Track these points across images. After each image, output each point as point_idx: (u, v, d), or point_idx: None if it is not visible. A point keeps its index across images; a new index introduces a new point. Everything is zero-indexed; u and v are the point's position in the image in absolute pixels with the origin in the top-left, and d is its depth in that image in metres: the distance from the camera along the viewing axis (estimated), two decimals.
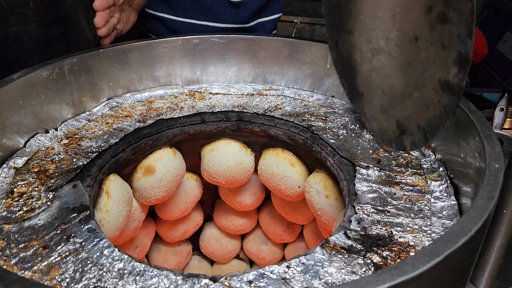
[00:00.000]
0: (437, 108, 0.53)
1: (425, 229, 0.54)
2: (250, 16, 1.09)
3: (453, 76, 0.50)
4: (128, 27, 0.94)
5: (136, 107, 0.83)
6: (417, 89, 0.54)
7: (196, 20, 1.08)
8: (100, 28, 0.82)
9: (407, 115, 0.56)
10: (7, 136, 0.66)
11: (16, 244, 0.51)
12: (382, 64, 0.56)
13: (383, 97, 0.58)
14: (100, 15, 0.80)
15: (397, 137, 0.59)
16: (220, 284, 0.46)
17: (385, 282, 0.33)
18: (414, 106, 0.56)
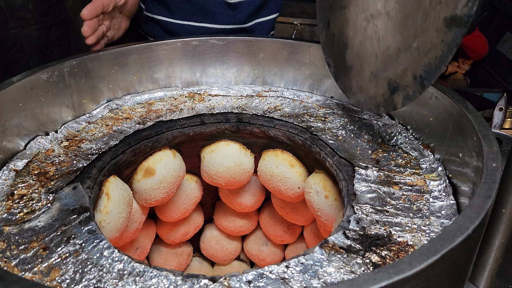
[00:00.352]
0: (440, 48, 0.54)
1: (424, 229, 0.55)
2: (248, 16, 1.09)
3: (462, 7, 0.50)
4: (120, 33, 0.95)
5: (135, 109, 0.83)
6: (416, 38, 0.55)
7: (194, 22, 1.09)
8: (88, 37, 0.82)
9: (401, 71, 0.57)
10: (8, 139, 0.66)
11: (17, 246, 0.51)
12: (378, 29, 0.57)
13: (375, 62, 0.59)
14: (88, 24, 0.81)
15: (387, 98, 0.60)
16: (220, 284, 0.46)
17: (382, 280, 0.33)
18: (411, 57, 0.57)
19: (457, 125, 0.61)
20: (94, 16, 0.81)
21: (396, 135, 0.73)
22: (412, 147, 0.70)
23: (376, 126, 0.77)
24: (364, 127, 0.77)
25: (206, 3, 1.05)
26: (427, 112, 0.69)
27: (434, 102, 0.67)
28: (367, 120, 0.79)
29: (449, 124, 0.63)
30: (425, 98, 0.69)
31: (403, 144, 0.72)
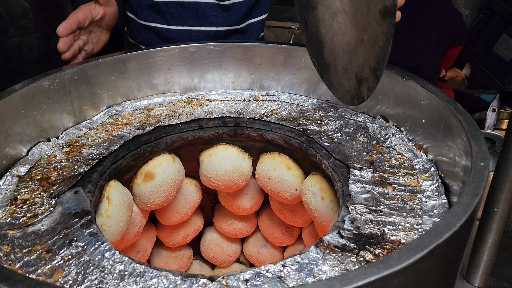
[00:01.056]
0: (381, 39, 0.58)
1: (417, 227, 0.56)
2: (242, 17, 1.11)
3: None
4: (99, 46, 0.96)
5: (135, 114, 0.85)
6: (365, 31, 0.60)
7: (189, 27, 1.10)
8: (63, 53, 0.84)
9: (361, 63, 0.61)
10: (10, 145, 0.68)
11: (20, 249, 0.53)
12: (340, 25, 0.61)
13: (344, 57, 0.63)
14: (63, 41, 0.82)
15: (357, 91, 0.64)
16: (218, 283, 0.47)
17: (372, 275, 0.34)
18: (365, 50, 0.61)
19: (447, 126, 0.62)
20: (69, 32, 0.83)
21: (390, 137, 0.74)
22: (405, 148, 0.72)
23: (370, 128, 0.78)
24: (359, 130, 0.79)
25: (200, 6, 1.07)
26: (419, 114, 0.71)
27: (426, 104, 0.68)
28: (362, 123, 0.80)
29: (440, 125, 0.65)
30: (417, 100, 0.70)
31: (397, 145, 0.73)
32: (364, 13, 0.58)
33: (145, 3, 1.08)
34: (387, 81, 0.77)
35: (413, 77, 0.71)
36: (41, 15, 1.12)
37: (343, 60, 0.62)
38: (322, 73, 0.66)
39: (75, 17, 0.84)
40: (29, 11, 1.09)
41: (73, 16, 0.84)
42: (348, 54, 0.61)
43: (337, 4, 0.59)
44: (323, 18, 0.61)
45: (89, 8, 0.88)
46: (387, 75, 0.76)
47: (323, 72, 0.66)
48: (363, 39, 0.59)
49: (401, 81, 0.73)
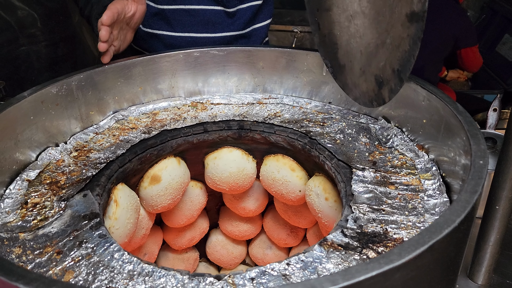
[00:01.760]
0: (407, 42, 0.58)
1: (419, 225, 0.57)
2: (246, 23, 1.13)
3: (416, 3, 0.55)
4: (125, 45, 0.98)
5: (141, 119, 0.86)
6: (388, 34, 0.60)
7: (195, 33, 1.12)
8: (103, 42, 0.85)
9: (382, 66, 0.61)
10: (20, 151, 0.69)
11: (32, 251, 0.54)
12: (358, 27, 0.61)
13: (361, 58, 0.63)
14: (105, 29, 0.84)
15: (376, 93, 0.64)
16: (224, 281, 0.48)
17: (373, 270, 0.36)
18: (387, 52, 0.61)
19: (448, 126, 0.63)
20: (112, 22, 0.84)
21: (392, 137, 0.76)
22: (407, 148, 0.73)
23: (373, 129, 0.79)
24: (361, 131, 0.80)
25: (206, 13, 1.09)
26: (420, 115, 0.72)
27: (426, 105, 0.69)
28: (364, 124, 0.82)
29: (441, 125, 0.66)
30: (418, 101, 0.71)
31: (399, 146, 0.74)
32: (387, 16, 0.58)
33: (150, 11, 1.09)
34: None
35: (413, 79, 0.72)
36: (49, 23, 1.14)
37: (360, 61, 0.63)
38: (335, 75, 0.67)
39: (115, 7, 0.86)
40: (37, 20, 1.11)
41: (113, 7, 0.85)
42: (366, 56, 0.61)
43: (355, 7, 0.59)
44: (338, 20, 0.61)
45: (124, 3, 0.90)
46: None
47: (337, 73, 0.66)
48: (385, 41, 0.59)
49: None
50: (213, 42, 1.12)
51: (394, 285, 0.37)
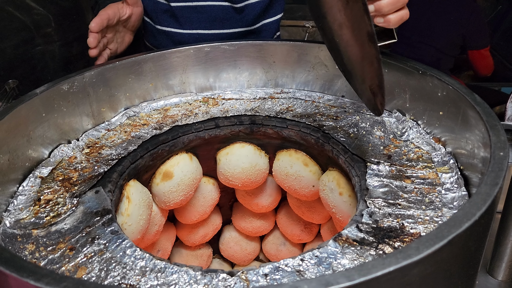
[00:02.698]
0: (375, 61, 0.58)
1: (436, 220, 0.55)
2: (255, 18, 1.11)
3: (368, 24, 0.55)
4: (123, 46, 0.98)
5: (152, 115, 0.86)
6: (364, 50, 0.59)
7: (203, 30, 1.11)
8: (92, 49, 0.86)
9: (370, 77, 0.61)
10: (33, 148, 0.70)
11: (45, 247, 0.54)
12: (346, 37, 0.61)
13: (358, 67, 0.63)
14: (93, 36, 0.84)
15: (373, 102, 0.64)
16: (237, 277, 0.48)
17: (390, 265, 0.34)
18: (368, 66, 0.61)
19: (465, 117, 0.62)
20: (101, 28, 0.85)
21: (407, 130, 0.74)
22: (423, 141, 0.71)
23: (387, 122, 0.78)
24: (375, 124, 0.78)
25: (214, 10, 1.08)
26: (436, 107, 0.70)
27: (443, 96, 0.68)
28: (378, 117, 0.80)
29: (458, 117, 0.64)
30: (434, 93, 0.70)
31: (414, 139, 0.73)
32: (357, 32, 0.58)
33: (160, 8, 1.09)
34: (403, 75, 0.76)
35: (429, 70, 0.70)
36: (63, 23, 1.15)
37: (358, 70, 0.63)
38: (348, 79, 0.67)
39: (105, 13, 0.86)
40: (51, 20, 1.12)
41: (103, 13, 0.86)
42: (360, 65, 0.62)
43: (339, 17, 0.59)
44: (333, 28, 0.61)
45: (117, 7, 0.90)
46: (402, 69, 0.76)
47: (348, 78, 0.66)
48: (364, 56, 0.60)
49: (417, 75, 0.73)
50: (222, 38, 1.11)
51: (412, 281, 0.36)
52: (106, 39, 0.91)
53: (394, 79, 0.78)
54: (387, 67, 0.79)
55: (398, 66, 0.77)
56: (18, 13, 1.05)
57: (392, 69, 0.78)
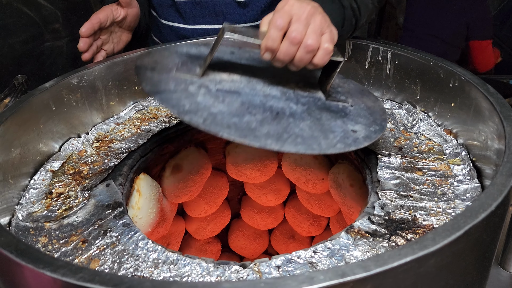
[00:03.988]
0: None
1: (449, 212, 0.55)
2: (259, 13, 1.09)
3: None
4: (120, 46, 0.97)
5: (161, 109, 0.86)
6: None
7: (206, 25, 1.09)
8: (84, 53, 0.85)
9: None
10: (43, 142, 0.70)
11: (58, 240, 0.54)
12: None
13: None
14: (83, 41, 0.83)
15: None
16: (250, 269, 0.48)
17: (407, 256, 0.34)
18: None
19: (478, 108, 0.61)
20: (91, 33, 0.84)
21: (418, 122, 0.73)
22: (434, 133, 0.71)
23: (397, 114, 0.77)
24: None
25: (217, 4, 1.06)
26: (448, 98, 0.69)
27: (454, 88, 0.67)
28: (388, 109, 0.79)
29: (470, 108, 0.63)
30: (445, 84, 0.69)
31: (425, 131, 0.72)
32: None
33: (166, 3, 1.08)
34: (413, 66, 0.76)
35: (440, 61, 0.70)
36: (71, 18, 1.15)
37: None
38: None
39: (97, 17, 0.86)
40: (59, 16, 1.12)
41: (95, 17, 0.86)
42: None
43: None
44: None
45: (111, 9, 0.90)
46: (413, 60, 0.75)
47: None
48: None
49: (428, 66, 0.72)
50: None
51: (428, 272, 0.36)
52: (101, 40, 0.90)
53: (405, 71, 0.77)
54: (397, 58, 0.78)
55: (408, 58, 0.76)
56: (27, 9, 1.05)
57: (402, 61, 0.77)
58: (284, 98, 0.62)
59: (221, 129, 0.50)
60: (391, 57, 0.79)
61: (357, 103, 0.66)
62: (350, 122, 0.60)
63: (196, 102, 0.55)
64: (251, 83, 0.64)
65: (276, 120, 0.55)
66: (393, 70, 0.80)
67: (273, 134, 0.52)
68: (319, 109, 0.61)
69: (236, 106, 0.56)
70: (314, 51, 0.60)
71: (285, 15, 0.59)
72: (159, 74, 0.60)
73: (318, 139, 0.54)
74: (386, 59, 0.80)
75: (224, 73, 0.65)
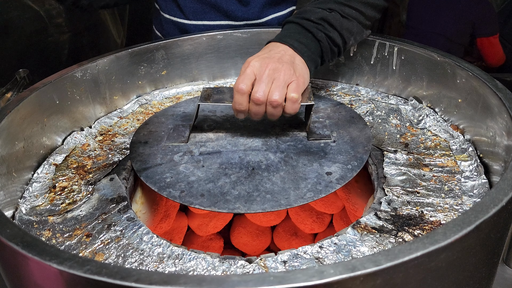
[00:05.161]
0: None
1: (457, 208, 0.55)
2: (261, 10, 1.07)
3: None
4: None
5: (164, 103, 0.86)
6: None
7: (208, 21, 1.07)
8: None
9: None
10: (47, 135, 0.69)
11: (61, 234, 0.54)
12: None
13: None
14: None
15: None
16: (256, 264, 0.47)
17: (418, 250, 0.34)
18: None
19: (486, 104, 0.60)
20: None
21: (424, 118, 0.73)
22: (441, 129, 0.70)
23: (403, 110, 0.77)
24: (391, 112, 0.77)
25: (218, 1, 1.04)
26: (455, 94, 0.69)
27: (462, 83, 0.66)
28: (394, 105, 0.79)
29: (478, 104, 0.63)
30: (452, 80, 0.69)
31: (431, 126, 0.71)
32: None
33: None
34: (420, 61, 0.75)
35: (448, 56, 0.69)
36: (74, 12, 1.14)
37: None
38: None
39: None
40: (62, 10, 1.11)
41: None
42: None
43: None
44: None
45: None
46: (420, 55, 0.74)
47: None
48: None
49: (435, 61, 0.72)
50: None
51: (438, 267, 0.35)
52: None
53: (411, 67, 0.77)
54: (404, 54, 0.78)
55: (415, 53, 0.75)
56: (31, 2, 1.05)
57: (409, 56, 0.77)
58: (264, 148, 0.66)
59: (194, 200, 0.56)
60: (397, 53, 0.79)
61: (342, 136, 0.68)
62: (327, 163, 0.63)
63: (178, 173, 0.61)
64: (235, 138, 0.69)
65: (250, 178, 0.60)
66: (399, 66, 0.79)
67: (243, 195, 0.57)
68: (298, 154, 0.65)
69: (214, 169, 0.62)
70: (281, 105, 0.63)
71: (246, 78, 0.63)
72: (150, 147, 0.68)
73: (288, 191, 0.58)
74: (392, 55, 0.79)
75: (211, 132, 0.71)
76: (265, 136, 0.69)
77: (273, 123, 0.72)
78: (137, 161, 0.64)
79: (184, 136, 0.69)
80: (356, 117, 0.73)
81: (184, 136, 0.69)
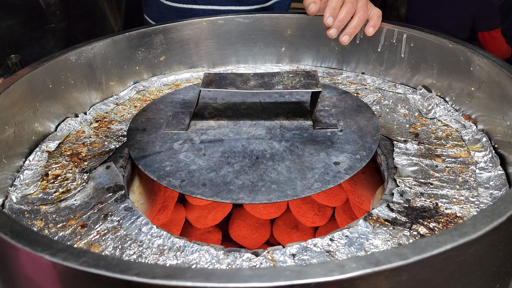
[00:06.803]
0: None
1: (472, 200, 0.52)
2: None
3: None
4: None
5: (162, 90, 0.82)
6: None
7: (217, 6, 1.06)
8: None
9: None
10: (39, 121, 0.66)
11: (54, 224, 0.51)
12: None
13: None
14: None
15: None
16: (263, 257, 0.44)
17: (446, 243, 0.31)
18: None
19: (503, 92, 0.58)
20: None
21: (434, 108, 0.70)
22: (452, 119, 0.68)
23: (411, 99, 0.74)
24: (399, 101, 0.74)
25: None
26: (468, 82, 0.66)
27: (476, 71, 0.64)
28: (402, 94, 0.76)
29: (493, 92, 0.60)
30: (465, 68, 0.66)
31: (442, 116, 0.69)
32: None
33: None
34: (431, 49, 0.72)
35: (461, 43, 0.66)
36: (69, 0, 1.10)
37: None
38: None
39: None
40: None
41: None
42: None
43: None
44: None
45: None
46: (430, 42, 0.72)
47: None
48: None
49: (447, 48, 0.69)
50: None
51: (467, 261, 0.33)
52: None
53: (421, 54, 0.74)
54: (413, 41, 0.75)
55: (425, 40, 0.72)
56: None
57: (419, 43, 0.74)
58: (268, 137, 0.63)
59: (196, 190, 0.53)
60: (406, 39, 0.76)
61: (349, 125, 0.65)
62: (335, 153, 0.59)
63: (178, 161, 0.58)
64: (237, 126, 0.66)
65: (254, 167, 0.57)
66: (408, 53, 0.76)
67: (247, 185, 0.53)
68: (304, 143, 0.61)
69: (216, 158, 0.59)
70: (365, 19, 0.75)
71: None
72: (148, 135, 0.64)
73: (295, 181, 0.54)
74: (400, 42, 0.77)
75: (212, 119, 0.68)
76: (269, 124, 0.66)
77: (277, 111, 0.69)
78: (135, 148, 0.61)
79: (184, 124, 0.66)
80: (363, 106, 0.70)
81: (184, 123, 0.66)
